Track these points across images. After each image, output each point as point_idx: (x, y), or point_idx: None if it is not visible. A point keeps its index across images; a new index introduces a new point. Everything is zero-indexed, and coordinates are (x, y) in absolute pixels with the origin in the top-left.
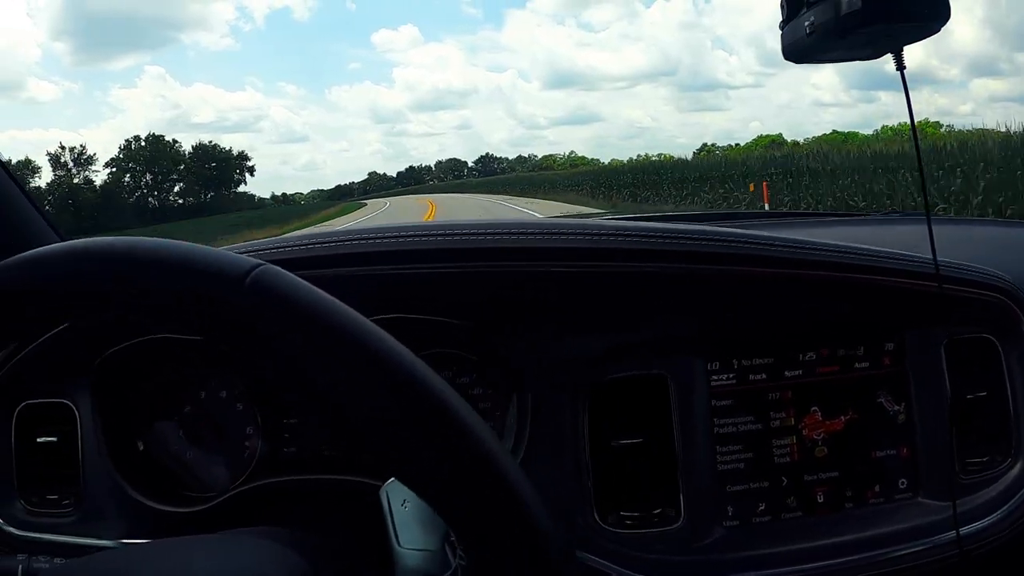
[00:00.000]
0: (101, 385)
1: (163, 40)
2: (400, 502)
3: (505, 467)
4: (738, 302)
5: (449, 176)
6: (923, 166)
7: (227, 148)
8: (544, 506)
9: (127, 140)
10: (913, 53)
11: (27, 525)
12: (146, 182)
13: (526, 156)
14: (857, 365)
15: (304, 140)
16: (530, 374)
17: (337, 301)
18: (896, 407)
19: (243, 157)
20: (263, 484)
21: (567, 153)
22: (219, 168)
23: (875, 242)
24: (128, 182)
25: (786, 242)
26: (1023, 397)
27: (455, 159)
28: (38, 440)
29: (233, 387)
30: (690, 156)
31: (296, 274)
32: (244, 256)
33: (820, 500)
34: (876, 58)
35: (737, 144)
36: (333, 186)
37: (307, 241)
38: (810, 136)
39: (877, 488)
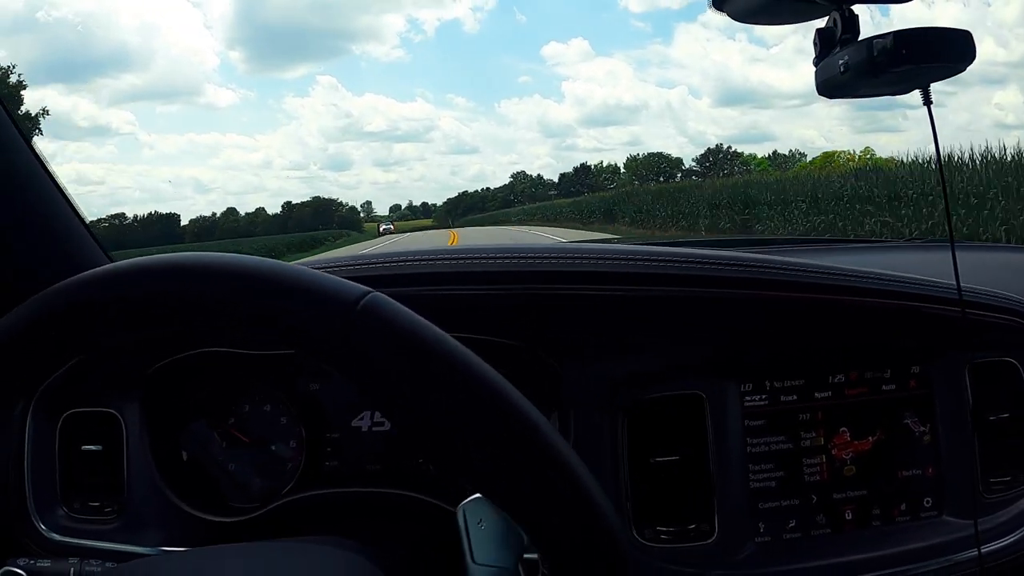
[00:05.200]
0: (149, 396)
1: (334, 51)
2: (476, 521)
3: (589, 487)
4: (769, 327)
5: (651, 180)
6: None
7: None
8: (619, 523)
9: None
10: None
11: (69, 531)
12: None
13: (770, 154)
14: (884, 387)
15: (474, 152)
16: (571, 394)
17: (436, 328)
18: (922, 428)
19: None
20: (305, 496)
21: (859, 150)
22: None
23: (900, 269)
24: None
25: (814, 268)
26: None
27: (658, 154)
28: (82, 448)
29: (277, 401)
30: None
31: None
32: (353, 283)
33: (848, 517)
34: (904, 93)
35: None
36: (458, 193)
37: (369, 261)
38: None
39: (903, 506)
